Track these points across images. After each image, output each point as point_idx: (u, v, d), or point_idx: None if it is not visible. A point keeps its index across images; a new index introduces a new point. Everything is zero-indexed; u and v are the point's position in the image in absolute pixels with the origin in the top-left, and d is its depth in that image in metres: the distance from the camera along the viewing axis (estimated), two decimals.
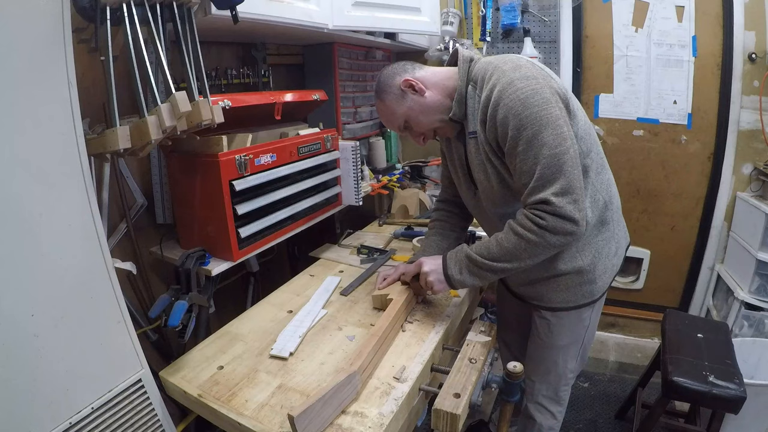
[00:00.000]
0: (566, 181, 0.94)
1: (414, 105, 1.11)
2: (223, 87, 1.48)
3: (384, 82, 1.13)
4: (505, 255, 1.02)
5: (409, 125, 1.15)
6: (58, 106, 0.76)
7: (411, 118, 1.12)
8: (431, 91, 1.11)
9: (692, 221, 2.27)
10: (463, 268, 1.09)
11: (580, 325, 1.23)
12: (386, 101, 1.13)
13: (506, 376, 0.94)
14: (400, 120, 1.14)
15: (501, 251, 1.02)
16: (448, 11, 2.17)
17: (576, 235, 0.97)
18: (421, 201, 2.04)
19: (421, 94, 1.10)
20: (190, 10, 1.00)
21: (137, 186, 1.28)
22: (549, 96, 0.95)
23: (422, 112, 1.11)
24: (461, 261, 1.09)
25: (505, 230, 1.03)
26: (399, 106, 1.12)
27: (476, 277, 1.08)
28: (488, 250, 1.04)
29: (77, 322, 0.82)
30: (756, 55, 1.93)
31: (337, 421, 0.84)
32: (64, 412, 0.81)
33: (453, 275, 1.10)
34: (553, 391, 1.32)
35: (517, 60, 1.02)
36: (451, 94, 1.10)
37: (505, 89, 0.96)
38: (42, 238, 0.76)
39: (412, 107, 1.11)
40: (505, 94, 0.95)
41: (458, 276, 1.09)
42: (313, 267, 1.56)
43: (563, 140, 0.94)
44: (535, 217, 0.96)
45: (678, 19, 2.05)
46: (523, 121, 0.93)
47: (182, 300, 1.05)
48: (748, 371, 1.65)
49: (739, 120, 2.03)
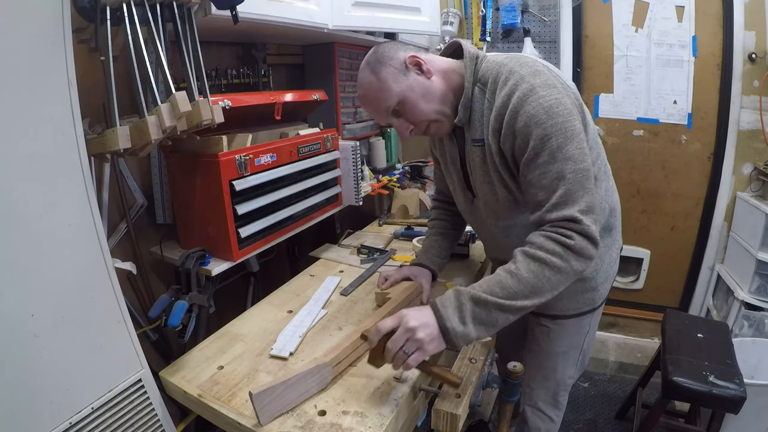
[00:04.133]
0: (590, 199, 0.86)
1: (416, 86, 0.95)
2: (223, 87, 1.48)
3: (383, 53, 0.96)
4: (526, 288, 0.84)
5: (401, 110, 0.97)
6: (58, 106, 0.76)
7: (408, 100, 0.95)
8: (437, 77, 0.97)
9: (692, 221, 2.27)
10: (467, 316, 0.84)
11: (580, 332, 1.22)
12: (381, 74, 0.95)
13: (506, 376, 0.94)
14: (392, 100, 0.96)
15: (520, 285, 0.83)
16: (448, 11, 2.17)
17: (591, 261, 0.87)
18: (421, 201, 2.03)
19: (427, 77, 0.96)
20: (190, 10, 1.00)
21: (137, 186, 1.28)
22: (571, 108, 0.88)
23: (423, 97, 0.96)
24: (463, 306, 0.84)
25: (520, 260, 0.86)
26: (397, 82, 0.95)
27: (484, 325, 0.84)
28: (502, 287, 0.84)
29: (77, 322, 0.82)
30: (756, 55, 1.94)
31: (337, 421, 0.84)
32: (64, 412, 0.81)
33: (454, 328, 0.83)
34: (551, 397, 1.31)
35: (533, 64, 0.92)
36: (455, 91, 0.99)
37: (527, 96, 0.86)
38: (42, 238, 0.76)
39: (413, 87, 0.95)
40: (527, 101, 0.86)
41: (461, 328, 0.83)
42: (313, 267, 1.56)
43: (585, 156, 0.87)
44: (560, 237, 0.84)
45: (678, 19, 2.05)
46: (548, 131, 0.84)
47: (182, 300, 1.05)
48: (748, 371, 1.65)
49: (739, 120, 2.04)
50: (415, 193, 2.06)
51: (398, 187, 2.12)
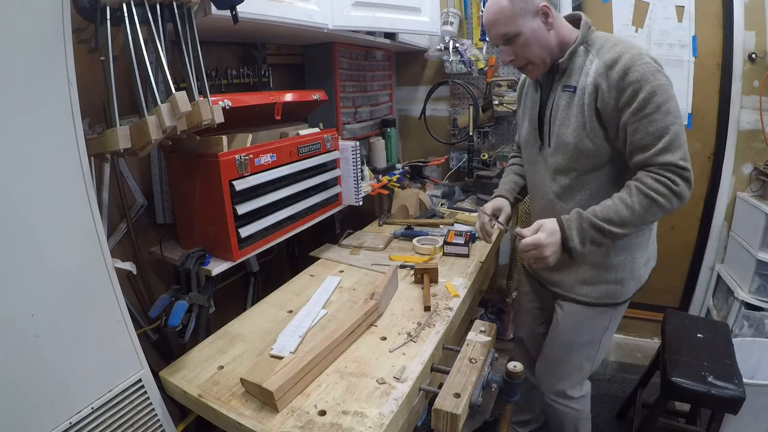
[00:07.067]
0: (686, 149, 1.01)
1: (538, 31, 1.08)
2: (223, 87, 1.48)
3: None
4: (636, 219, 1.01)
5: (514, 41, 1.10)
6: (58, 106, 0.76)
7: (525, 39, 1.09)
8: (554, 32, 1.10)
9: (692, 221, 2.27)
10: (587, 239, 1.04)
11: (599, 326, 1.25)
12: (516, 5, 1.07)
13: (506, 376, 0.94)
14: (512, 30, 1.08)
15: (632, 215, 1.01)
16: (448, 11, 2.17)
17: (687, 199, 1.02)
18: (421, 201, 2.03)
19: (548, 28, 1.09)
20: (190, 10, 1.00)
21: (137, 186, 1.28)
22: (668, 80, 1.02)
23: (538, 42, 1.09)
24: (584, 231, 1.04)
25: (633, 193, 1.01)
26: (524, 19, 1.07)
27: (598, 245, 1.06)
28: (618, 216, 1.01)
29: (77, 322, 0.82)
30: (756, 55, 1.93)
31: (337, 421, 0.84)
32: (65, 412, 0.81)
33: (575, 248, 1.05)
34: (569, 385, 1.35)
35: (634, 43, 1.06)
36: (562, 48, 1.12)
37: (636, 59, 1.00)
38: (42, 238, 0.76)
39: (535, 30, 1.08)
40: (638, 62, 1.00)
41: (580, 248, 1.05)
42: (313, 267, 1.56)
43: (679, 115, 1.01)
44: (668, 181, 0.99)
45: (678, 19, 2.05)
46: (656, 88, 0.98)
47: (182, 300, 1.05)
48: (748, 371, 1.65)
49: (739, 120, 2.03)
50: (415, 193, 2.06)
51: (398, 187, 2.12)
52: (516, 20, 1.08)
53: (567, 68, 1.12)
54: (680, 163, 0.99)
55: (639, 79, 0.99)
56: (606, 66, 1.03)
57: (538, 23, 1.08)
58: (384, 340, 1.10)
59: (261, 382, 0.87)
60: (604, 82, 1.03)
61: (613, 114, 1.04)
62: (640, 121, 1.00)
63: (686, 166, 1.00)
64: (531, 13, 1.07)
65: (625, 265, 1.18)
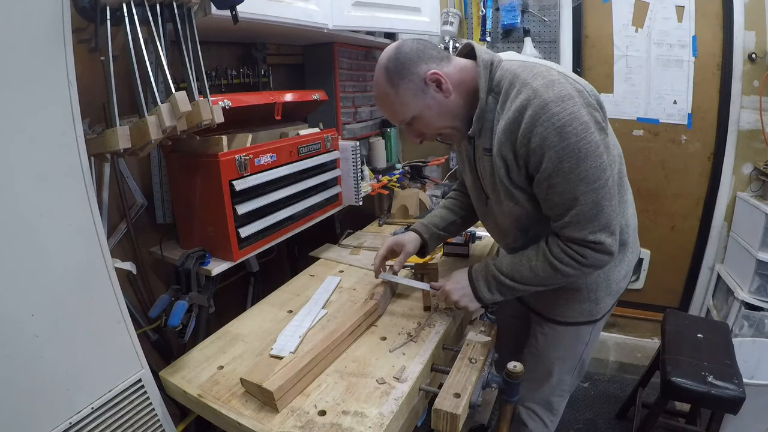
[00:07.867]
0: (605, 217, 0.90)
1: (433, 104, 0.95)
2: (223, 87, 1.48)
3: (404, 64, 0.93)
4: (537, 281, 1.01)
5: (414, 123, 0.99)
6: (58, 106, 0.76)
7: (423, 117, 0.97)
8: (455, 93, 0.96)
9: (692, 221, 2.27)
10: (493, 288, 1.07)
11: (579, 342, 1.22)
12: (400, 89, 0.94)
13: (506, 376, 0.94)
14: (408, 115, 0.97)
15: (534, 277, 1.00)
16: (448, 11, 2.17)
17: (609, 262, 0.97)
18: (421, 201, 2.03)
19: (446, 96, 0.95)
20: (190, 10, 1.00)
21: (137, 186, 1.28)
22: (587, 119, 0.84)
23: (439, 115, 0.97)
24: (490, 283, 1.07)
25: (540, 257, 0.99)
26: (415, 100, 0.94)
27: (504, 295, 1.08)
28: (520, 275, 1.02)
29: (77, 322, 0.82)
30: (756, 55, 1.93)
31: (337, 421, 0.84)
32: (64, 412, 0.81)
33: (484, 297, 1.08)
34: (545, 401, 1.32)
35: (547, 73, 0.87)
36: (470, 102, 0.98)
37: (538, 114, 0.84)
38: (42, 238, 0.76)
39: (430, 106, 0.95)
40: (539, 120, 0.84)
41: (489, 296, 1.07)
42: (313, 267, 1.56)
43: (602, 172, 0.87)
44: (576, 254, 0.94)
45: (678, 19, 2.05)
46: (560, 154, 0.84)
47: (182, 300, 1.05)
48: (748, 371, 1.65)
49: (739, 120, 2.03)
50: (415, 193, 2.06)
51: (398, 187, 2.12)
52: (405, 105, 0.95)
53: (481, 129, 0.98)
54: (589, 238, 0.90)
55: (540, 145, 0.85)
56: (509, 130, 0.89)
57: (431, 95, 0.94)
58: (384, 339, 1.10)
59: (261, 382, 0.87)
60: (509, 153, 0.91)
61: (527, 182, 0.95)
62: (546, 191, 0.91)
63: (597, 239, 0.90)
64: (419, 89, 0.93)
65: (599, 285, 1.12)
